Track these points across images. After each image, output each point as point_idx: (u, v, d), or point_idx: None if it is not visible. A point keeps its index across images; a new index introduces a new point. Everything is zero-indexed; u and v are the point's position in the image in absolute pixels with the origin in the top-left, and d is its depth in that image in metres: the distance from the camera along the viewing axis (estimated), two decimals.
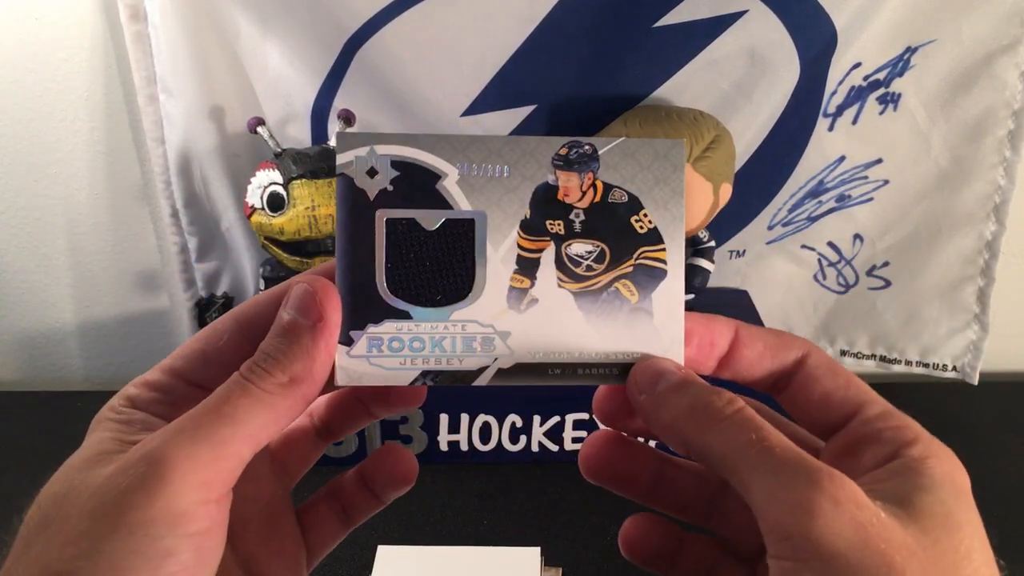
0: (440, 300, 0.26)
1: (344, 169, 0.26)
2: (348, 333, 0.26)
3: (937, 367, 0.76)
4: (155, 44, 0.64)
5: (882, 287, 0.75)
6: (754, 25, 0.61)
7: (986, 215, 0.69)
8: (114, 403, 0.25)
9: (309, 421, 0.31)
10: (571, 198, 0.27)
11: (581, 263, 0.27)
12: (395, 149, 0.26)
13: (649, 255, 0.27)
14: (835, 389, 0.26)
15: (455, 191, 0.26)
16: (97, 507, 0.21)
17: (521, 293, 0.27)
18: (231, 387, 0.24)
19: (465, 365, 0.26)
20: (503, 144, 0.27)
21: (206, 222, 0.72)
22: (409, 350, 0.26)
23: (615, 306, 0.27)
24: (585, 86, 0.64)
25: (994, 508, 0.72)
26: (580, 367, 0.27)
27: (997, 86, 0.65)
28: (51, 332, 0.81)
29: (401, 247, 0.26)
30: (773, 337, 0.27)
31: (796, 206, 0.72)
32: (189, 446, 0.22)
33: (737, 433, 0.23)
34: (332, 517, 0.30)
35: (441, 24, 0.61)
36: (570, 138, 0.27)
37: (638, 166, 0.27)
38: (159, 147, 0.68)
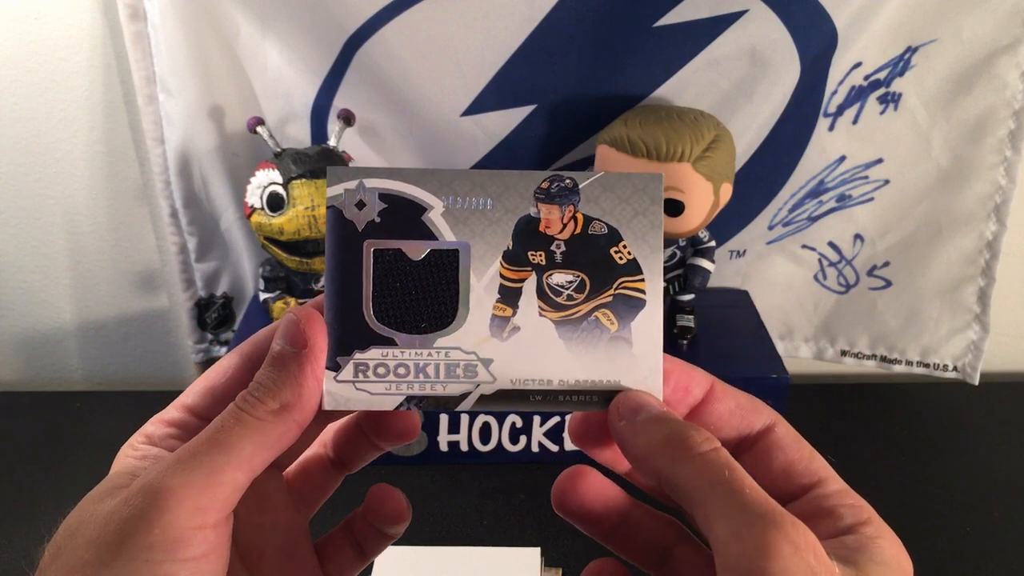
0: (424, 328, 0.27)
1: (334, 201, 0.27)
2: (335, 359, 0.27)
3: (938, 367, 0.76)
4: (154, 44, 0.64)
5: (883, 287, 0.75)
6: (754, 25, 0.60)
7: (987, 215, 0.69)
8: (133, 440, 0.27)
9: (324, 451, 0.32)
10: (552, 230, 0.28)
11: (562, 292, 0.28)
12: (383, 183, 0.27)
13: (628, 285, 0.28)
14: (798, 460, 0.27)
15: (440, 223, 0.27)
16: (101, 536, 0.22)
17: (503, 321, 0.27)
18: (226, 417, 0.25)
19: (448, 391, 0.27)
20: (487, 178, 0.28)
21: (206, 222, 0.72)
22: (394, 376, 0.27)
23: (595, 335, 0.28)
24: (585, 86, 0.64)
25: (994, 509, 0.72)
26: (561, 394, 0.28)
27: (998, 86, 0.65)
28: (50, 332, 0.81)
29: (388, 276, 0.27)
30: (746, 400, 0.28)
31: (796, 206, 0.72)
32: (184, 474, 0.23)
33: (710, 468, 0.24)
34: (348, 550, 0.31)
35: (441, 24, 0.61)
36: (551, 172, 0.28)
37: (617, 199, 0.28)
38: (158, 147, 0.68)
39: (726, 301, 0.76)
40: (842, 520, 0.25)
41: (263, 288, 0.69)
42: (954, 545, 0.61)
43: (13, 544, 0.61)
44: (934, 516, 0.64)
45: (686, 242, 0.67)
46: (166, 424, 0.27)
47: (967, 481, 0.68)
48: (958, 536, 0.62)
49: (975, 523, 0.63)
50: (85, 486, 0.24)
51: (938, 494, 0.66)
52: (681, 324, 0.69)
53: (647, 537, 0.29)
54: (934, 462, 0.70)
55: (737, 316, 0.74)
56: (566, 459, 0.69)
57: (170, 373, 0.83)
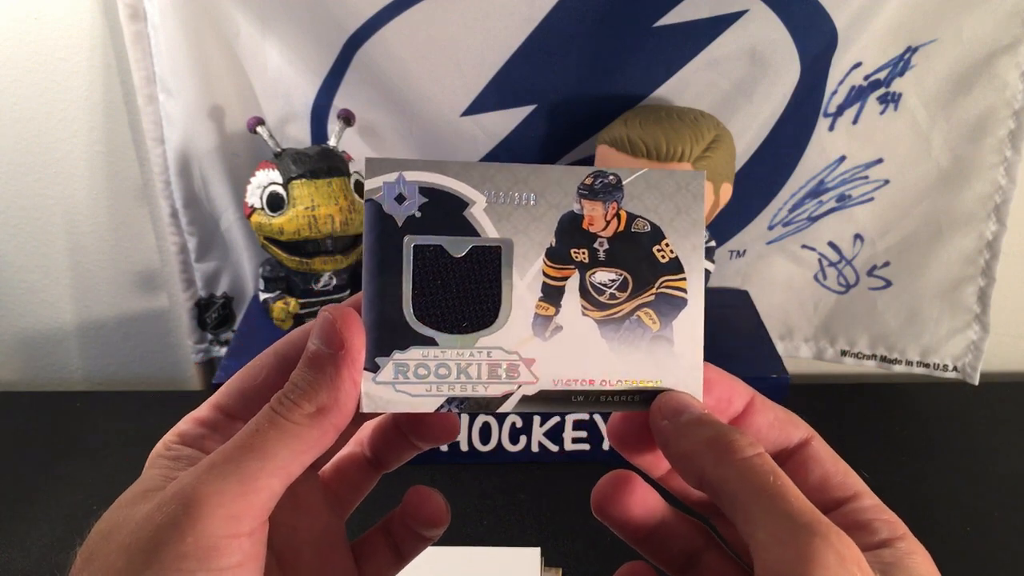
0: (466, 327, 0.27)
1: (372, 195, 0.26)
2: (374, 360, 0.26)
3: (938, 367, 0.76)
4: (154, 44, 0.64)
5: (883, 287, 0.75)
6: (754, 25, 0.61)
7: (987, 215, 0.69)
8: (167, 439, 0.26)
9: (360, 450, 0.31)
10: (596, 227, 0.27)
11: (605, 291, 0.27)
12: (424, 176, 0.26)
13: (670, 284, 0.28)
14: (834, 474, 0.27)
15: (482, 218, 0.27)
16: (133, 543, 0.22)
17: (546, 320, 0.27)
18: (260, 420, 0.24)
19: (490, 392, 0.27)
20: (529, 173, 0.27)
21: (206, 222, 0.72)
22: (435, 377, 0.27)
23: (637, 334, 0.27)
24: (585, 86, 0.64)
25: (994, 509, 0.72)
26: (603, 395, 0.27)
27: (998, 86, 0.65)
28: (50, 332, 0.81)
29: (428, 274, 0.26)
30: (784, 413, 0.28)
31: (796, 206, 0.72)
32: (218, 481, 0.23)
33: (755, 473, 0.24)
34: (386, 551, 0.31)
35: (441, 24, 0.61)
36: (595, 168, 0.27)
37: (660, 196, 0.27)
38: (158, 147, 0.68)
39: (726, 301, 0.76)
40: (877, 534, 0.25)
41: (263, 288, 0.69)
42: (954, 545, 0.61)
43: (13, 544, 0.61)
44: (934, 516, 0.64)
45: None
46: (199, 424, 0.26)
47: (967, 481, 0.68)
48: (958, 536, 0.62)
49: (975, 523, 0.63)
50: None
51: (938, 494, 0.66)
52: None
53: (678, 543, 0.29)
54: (934, 462, 0.70)
55: (737, 316, 0.74)
56: (566, 459, 0.69)
57: (170, 373, 0.83)
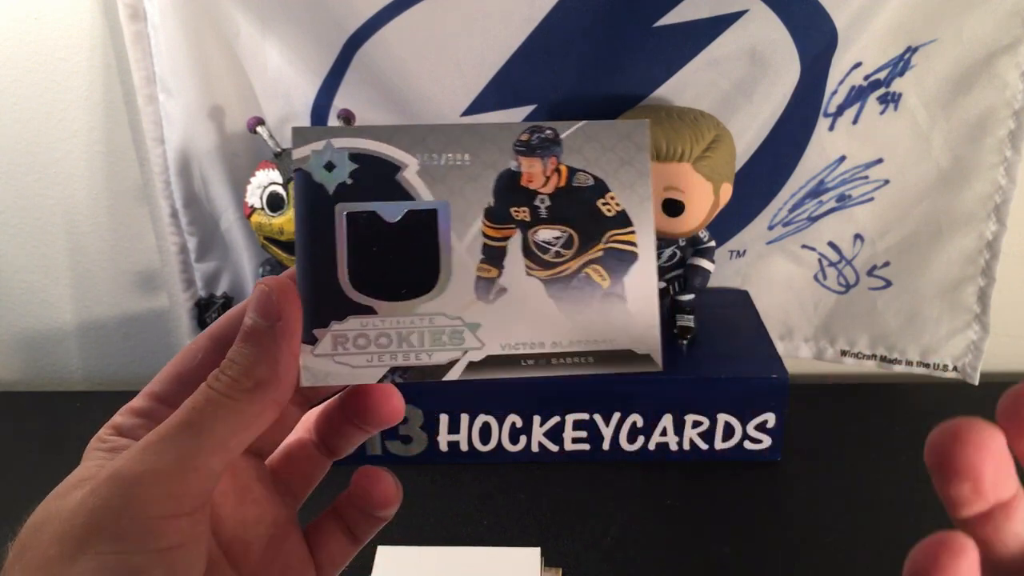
0: (405, 294, 0.26)
1: (301, 164, 0.26)
2: (312, 331, 0.25)
3: (938, 367, 0.75)
4: (154, 44, 0.64)
5: (883, 287, 0.75)
6: (754, 25, 0.60)
7: (987, 215, 0.69)
8: (101, 433, 0.25)
9: (308, 436, 0.30)
10: (535, 184, 0.26)
11: (549, 249, 0.26)
12: (352, 142, 0.26)
13: (618, 238, 0.26)
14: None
15: (416, 182, 0.26)
16: (67, 530, 0.21)
17: (489, 283, 0.26)
18: (197, 398, 0.23)
19: (434, 359, 0.26)
20: (463, 132, 0.26)
21: (206, 222, 0.72)
22: (375, 346, 0.26)
23: (586, 292, 0.26)
24: (585, 86, 0.64)
25: None
26: (553, 356, 0.26)
27: (998, 86, 0.65)
28: (51, 332, 0.81)
29: (363, 241, 0.26)
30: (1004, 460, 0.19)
31: (796, 206, 0.72)
32: (153, 460, 0.22)
33: None
34: (339, 536, 0.30)
35: (441, 24, 0.61)
36: (530, 123, 0.27)
37: (602, 148, 0.27)
38: (158, 147, 0.68)
39: (726, 301, 0.76)
40: None
41: None
42: None
43: None
44: (934, 516, 0.64)
45: (686, 242, 0.67)
46: (134, 414, 0.25)
47: None
48: None
49: None
50: None
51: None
52: (681, 324, 0.69)
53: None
54: None
55: (737, 316, 0.74)
56: (566, 459, 0.68)
57: None
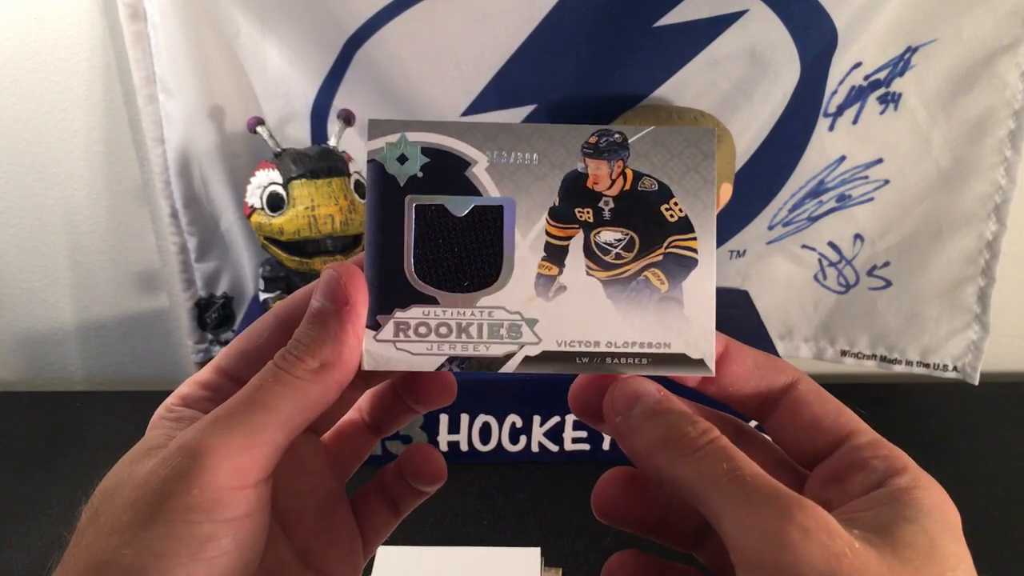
0: (467, 286, 0.26)
1: (375, 155, 0.26)
2: (375, 318, 0.26)
3: (938, 367, 0.76)
4: (154, 44, 0.64)
5: (883, 287, 0.75)
6: (754, 25, 0.60)
7: (987, 215, 0.69)
8: (168, 402, 0.26)
9: (359, 416, 0.32)
10: (600, 186, 0.27)
11: (610, 251, 0.27)
12: (426, 136, 0.26)
13: (679, 244, 0.27)
14: (824, 415, 0.25)
15: (484, 178, 0.26)
16: (139, 497, 0.22)
17: (549, 280, 0.27)
18: (264, 376, 0.24)
19: (492, 351, 0.26)
20: (532, 132, 0.27)
21: (206, 222, 0.72)
22: (435, 336, 0.26)
23: (644, 295, 0.27)
24: (585, 86, 0.64)
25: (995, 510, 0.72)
26: (609, 356, 0.27)
27: (998, 86, 0.65)
28: (51, 332, 0.81)
29: (430, 233, 0.26)
30: (764, 358, 0.27)
31: (796, 206, 0.72)
32: (223, 435, 0.23)
33: (709, 463, 0.23)
34: (383, 508, 0.31)
35: (441, 24, 0.61)
36: (599, 126, 0.27)
37: (668, 154, 0.27)
38: (158, 147, 0.68)
39: (726, 301, 0.76)
40: (874, 472, 0.23)
41: (263, 288, 0.69)
42: None
43: (14, 544, 0.61)
44: None
45: None
46: (201, 387, 0.26)
47: (967, 481, 0.68)
48: None
49: (975, 523, 0.63)
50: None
51: None
52: None
53: (688, 522, 0.28)
54: (934, 462, 0.70)
55: (737, 316, 0.74)
56: (566, 459, 0.69)
57: (170, 373, 0.83)
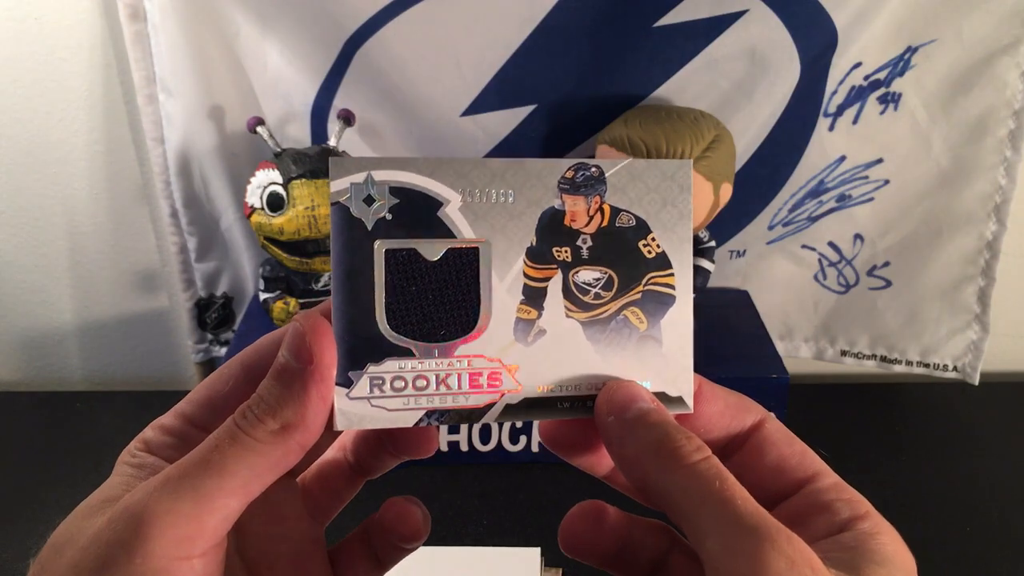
0: (444, 335, 0.25)
1: (339, 197, 0.25)
2: (347, 374, 0.25)
3: (938, 367, 0.75)
4: (154, 44, 0.64)
5: (883, 287, 0.75)
6: (754, 25, 0.60)
7: (987, 215, 0.69)
8: (131, 447, 0.25)
9: (343, 456, 0.30)
10: (578, 223, 0.26)
11: (589, 291, 0.26)
12: (394, 175, 0.25)
13: (658, 280, 0.26)
14: (790, 456, 0.26)
15: (458, 218, 0.25)
16: (81, 561, 0.21)
17: (528, 324, 0.26)
18: (221, 435, 0.23)
19: (472, 402, 0.26)
20: (506, 168, 0.26)
21: (206, 222, 0.72)
22: (413, 389, 0.25)
23: (624, 335, 0.26)
24: (585, 86, 0.64)
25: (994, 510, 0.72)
26: (590, 399, 0.26)
27: (998, 86, 0.65)
28: (50, 332, 0.81)
29: (402, 280, 0.25)
30: (734, 398, 0.27)
31: (796, 206, 0.72)
32: (171, 499, 0.21)
33: (700, 480, 0.22)
34: (364, 560, 0.30)
35: (441, 24, 0.61)
36: (576, 160, 0.26)
37: (645, 188, 0.26)
38: (158, 147, 0.68)
39: (726, 301, 0.76)
40: (838, 515, 0.24)
41: (263, 288, 0.69)
42: (954, 546, 0.61)
43: (13, 544, 0.61)
44: (934, 516, 0.64)
45: None
46: (165, 432, 0.25)
47: (967, 481, 0.68)
48: (959, 537, 0.62)
49: (975, 524, 0.63)
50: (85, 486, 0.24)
51: (938, 494, 0.66)
52: None
53: (645, 553, 0.28)
54: (934, 462, 0.70)
55: (737, 316, 0.74)
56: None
57: (170, 373, 0.83)
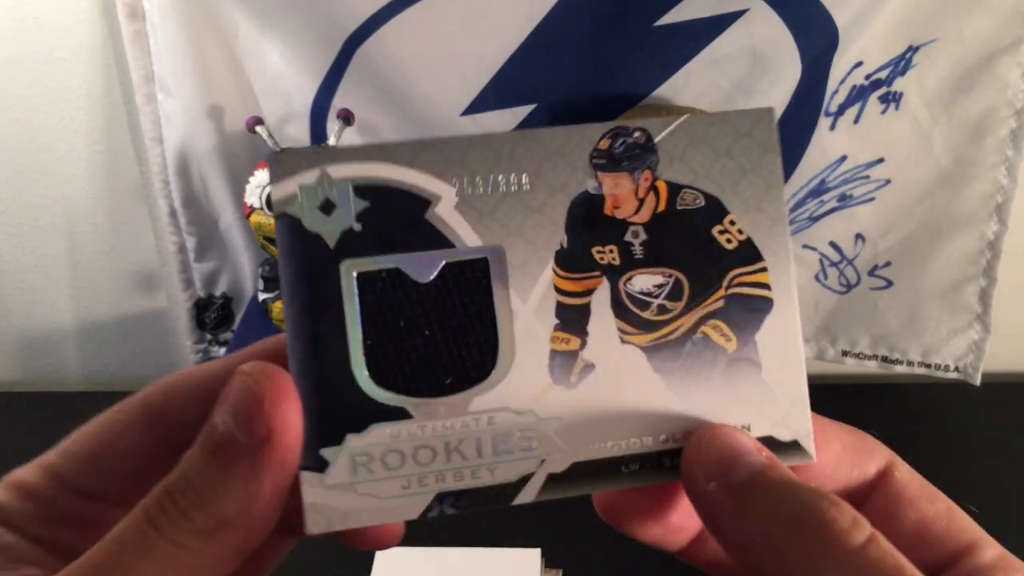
0: (451, 385, 0.19)
1: (285, 207, 0.18)
2: (318, 453, 0.18)
3: (939, 368, 0.75)
4: (153, 43, 0.64)
5: (884, 287, 0.75)
6: (755, 24, 0.60)
7: (988, 215, 0.69)
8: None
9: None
10: (624, 211, 0.19)
11: (650, 303, 0.19)
12: (359, 168, 0.18)
13: (745, 280, 0.20)
14: (935, 518, 0.19)
15: (454, 220, 0.19)
16: None
17: (569, 358, 0.19)
18: (126, 532, 0.16)
19: (499, 476, 0.19)
20: (516, 143, 0.19)
21: (205, 222, 0.72)
22: (414, 465, 0.18)
23: (706, 359, 0.19)
24: (585, 85, 0.64)
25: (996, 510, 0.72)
26: (667, 455, 0.19)
27: (999, 85, 0.65)
28: (49, 332, 0.80)
29: (384, 313, 0.18)
30: (851, 436, 0.20)
31: (798, 206, 0.72)
32: None
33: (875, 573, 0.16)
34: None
35: (441, 23, 0.60)
36: (611, 124, 0.20)
37: (712, 153, 0.19)
38: (157, 146, 0.68)
39: None
40: None
41: (262, 288, 0.69)
42: None
43: None
44: None
45: None
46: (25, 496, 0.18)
47: (969, 482, 0.68)
48: None
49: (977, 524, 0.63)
50: None
51: None
52: None
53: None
54: (935, 463, 0.69)
55: None
56: None
57: (169, 373, 0.83)
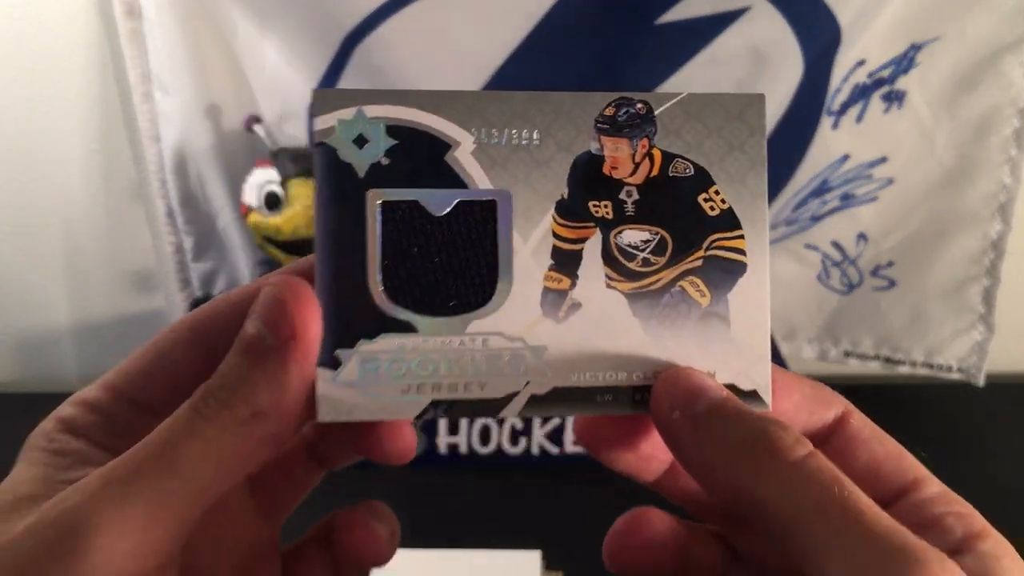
0: (454, 307, 0.21)
1: (324, 137, 0.21)
2: (333, 353, 0.21)
3: (942, 368, 0.75)
4: (151, 41, 0.64)
5: (886, 287, 0.74)
6: (757, 22, 0.60)
7: (991, 214, 0.69)
8: (47, 427, 0.21)
9: (301, 440, 0.26)
10: (621, 172, 0.22)
11: (636, 255, 0.22)
12: (392, 110, 0.21)
13: (723, 244, 0.22)
14: (884, 458, 0.21)
15: (470, 164, 0.21)
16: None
17: (559, 296, 0.22)
18: (175, 426, 0.19)
19: (488, 391, 0.21)
20: (530, 102, 0.21)
21: (202, 221, 0.72)
22: (415, 373, 0.21)
23: (681, 311, 0.22)
24: (586, 84, 0.63)
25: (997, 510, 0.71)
26: (639, 391, 0.22)
27: (1002, 84, 0.65)
28: (46, 332, 0.80)
29: (402, 239, 0.21)
30: (811, 388, 0.22)
31: (799, 205, 0.72)
32: (118, 506, 0.18)
33: (813, 485, 0.18)
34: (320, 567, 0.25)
35: (440, 21, 0.60)
36: (616, 94, 0.22)
37: (705, 129, 0.22)
38: (155, 145, 0.68)
39: None
40: (951, 533, 0.19)
41: None
42: None
43: None
44: None
45: None
46: (89, 409, 0.21)
47: (971, 482, 0.67)
48: None
49: None
50: None
51: None
52: None
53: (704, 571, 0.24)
54: (938, 464, 0.69)
55: None
56: (567, 462, 0.68)
57: None
